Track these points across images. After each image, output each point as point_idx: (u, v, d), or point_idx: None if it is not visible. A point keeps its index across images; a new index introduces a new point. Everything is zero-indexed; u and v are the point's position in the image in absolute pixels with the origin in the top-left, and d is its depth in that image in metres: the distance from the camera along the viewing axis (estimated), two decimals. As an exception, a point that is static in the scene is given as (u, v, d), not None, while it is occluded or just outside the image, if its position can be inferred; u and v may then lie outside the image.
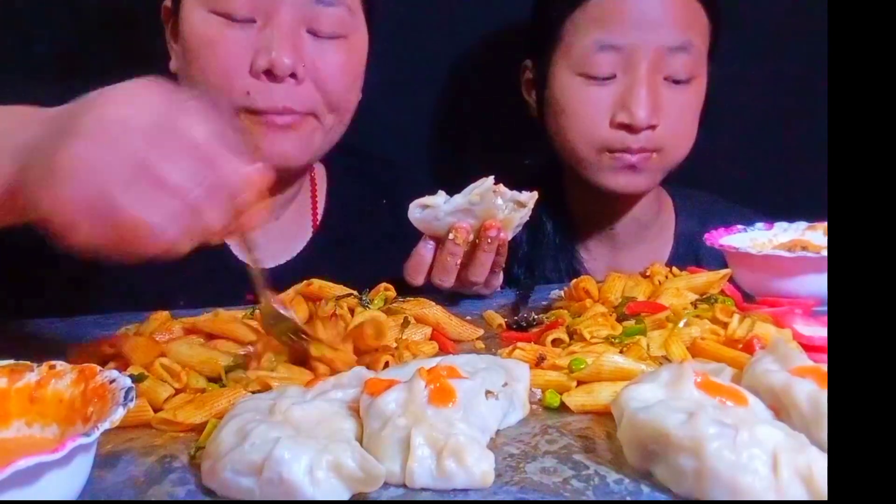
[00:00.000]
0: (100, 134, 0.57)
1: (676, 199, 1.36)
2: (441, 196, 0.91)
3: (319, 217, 1.24)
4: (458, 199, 0.90)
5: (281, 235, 1.20)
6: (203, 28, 1.02)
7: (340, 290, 0.89)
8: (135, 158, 0.57)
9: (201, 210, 0.59)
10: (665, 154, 1.18)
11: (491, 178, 0.89)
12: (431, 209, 0.90)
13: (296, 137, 1.05)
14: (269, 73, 1.01)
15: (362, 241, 1.23)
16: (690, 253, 1.28)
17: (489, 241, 0.90)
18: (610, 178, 1.19)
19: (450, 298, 0.98)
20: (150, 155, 0.57)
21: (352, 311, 0.84)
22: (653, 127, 1.15)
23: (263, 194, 0.64)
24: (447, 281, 0.93)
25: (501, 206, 0.90)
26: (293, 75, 1.02)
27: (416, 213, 0.91)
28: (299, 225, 1.22)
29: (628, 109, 1.13)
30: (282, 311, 0.74)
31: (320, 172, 1.28)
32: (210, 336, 0.79)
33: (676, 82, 1.15)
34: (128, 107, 0.59)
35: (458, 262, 0.92)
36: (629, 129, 1.14)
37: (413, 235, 0.96)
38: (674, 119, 1.16)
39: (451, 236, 0.90)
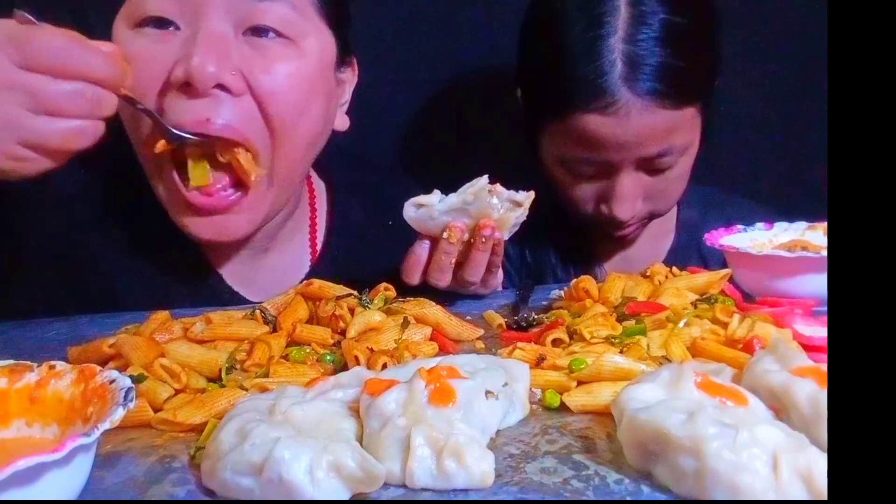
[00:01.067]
0: None
1: None
2: (436, 195, 0.90)
3: (319, 244, 1.12)
4: (453, 198, 0.89)
5: (275, 268, 1.09)
6: (127, 47, 0.88)
7: (340, 290, 0.89)
8: (14, 87, 0.70)
9: (97, 96, 0.73)
10: (655, 214, 1.21)
11: (485, 178, 0.88)
12: (426, 208, 0.89)
13: (230, 218, 0.94)
14: (188, 87, 0.87)
15: (366, 268, 1.08)
16: (692, 242, 1.28)
17: (483, 240, 0.89)
18: (604, 233, 1.23)
19: (449, 298, 0.98)
20: (27, 80, 0.70)
21: (352, 311, 0.84)
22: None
23: (122, 54, 0.77)
24: (442, 280, 0.92)
25: (497, 205, 0.89)
26: (223, 87, 0.88)
27: (411, 212, 0.90)
28: (296, 255, 1.11)
29: (610, 208, 1.15)
30: (184, 135, 0.88)
31: (320, 190, 1.14)
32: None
33: (663, 170, 1.14)
34: None
35: (453, 261, 0.91)
36: (614, 218, 1.16)
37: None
38: (661, 194, 1.17)
39: (444, 235, 0.90)
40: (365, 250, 1.13)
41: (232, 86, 0.88)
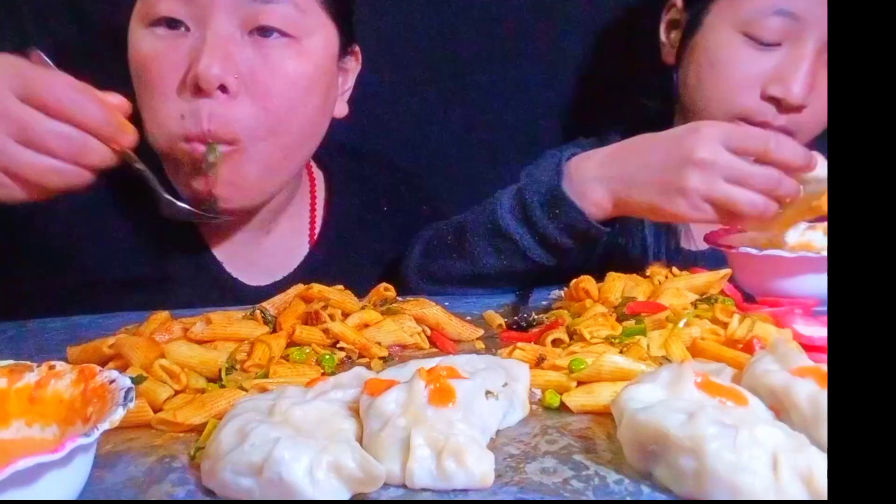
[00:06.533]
0: None
1: None
2: None
3: (318, 228, 1.17)
4: None
5: (275, 250, 1.13)
6: (142, 46, 0.93)
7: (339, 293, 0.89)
8: (8, 116, 0.71)
9: (83, 143, 0.73)
10: (796, 138, 1.07)
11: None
12: None
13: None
14: (197, 88, 0.90)
15: (363, 252, 1.17)
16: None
17: None
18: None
19: (449, 298, 0.98)
20: (21, 112, 0.71)
21: (346, 315, 0.84)
22: (800, 108, 1.07)
23: (128, 112, 0.77)
24: None
25: None
26: (223, 88, 0.91)
27: None
28: (295, 238, 1.15)
29: (786, 84, 1.05)
30: (179, 204, 0.88)
31: (319, 180, 1.20)
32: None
33: None
34: None
35: None
36: (778, 104, 1.07)
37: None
38: (820, 103, 1.07)
39: None
40: (360, 234, 1.19)
41: (231, 87, 0.91)
